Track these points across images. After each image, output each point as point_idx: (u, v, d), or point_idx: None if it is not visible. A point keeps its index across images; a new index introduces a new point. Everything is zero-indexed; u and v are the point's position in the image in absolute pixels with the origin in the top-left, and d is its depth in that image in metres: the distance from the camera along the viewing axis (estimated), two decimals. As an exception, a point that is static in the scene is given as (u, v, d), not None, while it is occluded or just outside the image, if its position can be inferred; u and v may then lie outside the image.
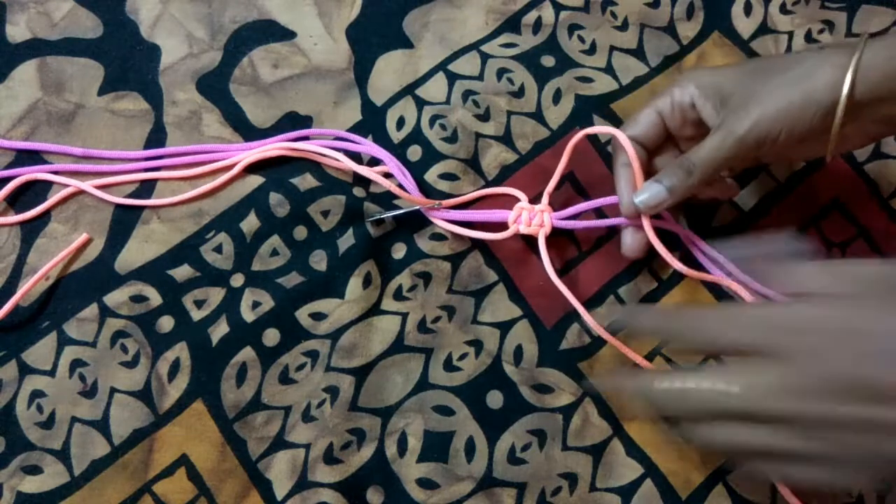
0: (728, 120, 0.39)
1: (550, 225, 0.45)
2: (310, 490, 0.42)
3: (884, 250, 0.47)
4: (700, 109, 0.41)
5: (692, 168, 0.40)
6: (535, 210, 0.45)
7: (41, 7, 0.52)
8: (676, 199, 0.41)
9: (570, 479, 0.42)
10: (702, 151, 0.39)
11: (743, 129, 0.38)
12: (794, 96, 0.37)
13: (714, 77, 0.41)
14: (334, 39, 0.52)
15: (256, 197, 0.48)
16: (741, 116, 0.38)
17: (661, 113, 0.42)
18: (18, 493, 0.42)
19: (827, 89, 0.37)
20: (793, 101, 0.37)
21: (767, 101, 0.38)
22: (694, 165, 0.40)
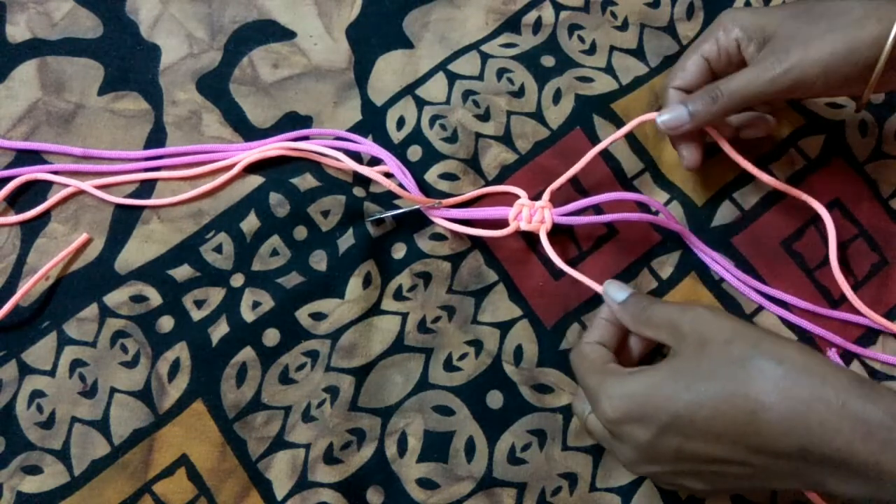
0: (767, 58, 0.39)
1: (551, 221, 0.44)
2: (310, 490, 0.42)
3: (884, 250, 0.47)
4: (744, 50, 0.41)
5: (718, 96, 0.40)
6: (535, 206, 0.45)
7: (41, 7, 0.52)
8: (698, 123, 0.42)
9: (570, 479, 0.42)
10: (732, 82, 0.40)
11: (779, 70, 0.39)
12: (837, 46, 0.38)
13: (757, 17, 0.41)
14: (334, 39, 0.52)
15: (256, 197, 0.48)
16: (781, 58, 0.39)
17: (707, 58, 0.43)
18: (18, 493, 0.42)
19: (871, 42, 0.37)
20: (836, 51, 0.38)
21: (810, 46, 0.38)
22: (721, 94, 0.40)
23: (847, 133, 0.49)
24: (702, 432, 0.31)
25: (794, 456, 0.30)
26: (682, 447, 0.32)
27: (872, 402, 0.29)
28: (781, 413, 0.30)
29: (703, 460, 0.32)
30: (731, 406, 0.31)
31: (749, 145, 0.47)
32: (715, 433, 0.31)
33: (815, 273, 0.46)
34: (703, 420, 0.31)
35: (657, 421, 0.32)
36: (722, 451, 0.31)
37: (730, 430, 0.31)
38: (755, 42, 0.41)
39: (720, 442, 0.31)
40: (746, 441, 0.31)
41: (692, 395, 0.32)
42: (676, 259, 0.47)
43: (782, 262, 0.46)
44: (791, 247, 0.47)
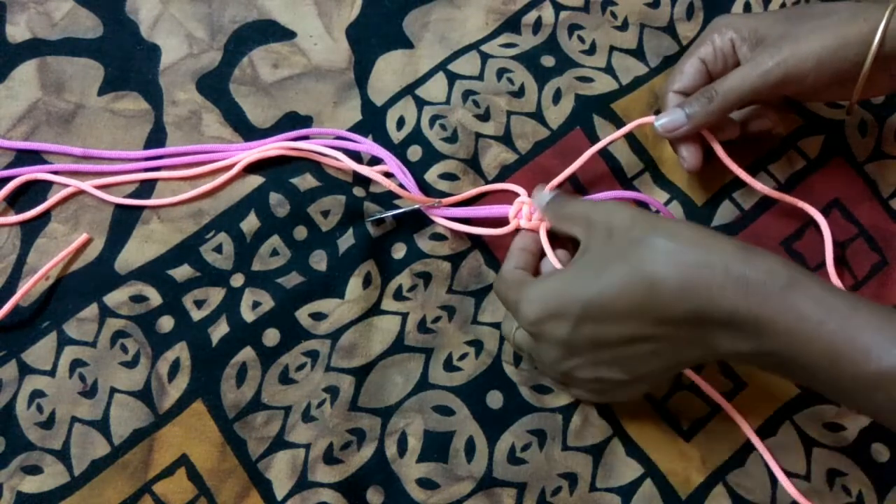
0: (759, 56, 0.41)
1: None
2: (310, 490, 0.42)
3: (884, 250, 0.47)
4: (738, 50, 0.42)
5: (713, 96, 0.42)
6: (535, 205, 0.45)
7: (41, 7, 0.52)
8: (695, 125, 0.43)
9: (570, 479, 0.42)
10: (726, 81, 0.41)
11: (771, 64, 0.40)
12: (826, 42, 0.39)
13: (750, 21, 0.43)
14: (334, 39, 0.52)
15: (256, 197, 0.48)
16: (772, 53, 0.40)
17: (704, 60, 0.44)
18: (18, 493, 0.42)
19: (859, 40, 0.39)
20: (825, 47, 0.39)
21: (800, 42, 0.40)
22: (716, 94, 0.42)
23: (847, 133, 0.49)
24: (611, 314, 0.34)
25: (690, 321, 0.33)
26: (597, 334, 0.35)
27: (751, 264, 0.32)
28: (675, 282, 0.33)
29: (616, 343, 0.35)
30: (632, 284, 0.34)
31: (748, 146, 0.47)
32: (622, 312, 0.34)
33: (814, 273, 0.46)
34: (611, 302, 0.34)
35: (572, 312, 0.35)
36: (630, 329, 0.34)
37: (634, 306, 0.34)
38: (748, 43, 0.42)
39: (628, 319, 0.34)
40: (649, 313, 0.34)
41: (600, 281, 0.35)
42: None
43: (782, 261, 0.46)
44: (791, 247, 0.47)
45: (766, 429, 0.43)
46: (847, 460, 0.42)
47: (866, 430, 0.43)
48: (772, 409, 0.43)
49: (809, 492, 0.42)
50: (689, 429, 0.43)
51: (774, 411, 0.43)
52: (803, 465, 0.42)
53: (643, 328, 0.34)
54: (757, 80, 0.41)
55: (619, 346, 0.35)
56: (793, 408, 0.43)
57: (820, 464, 0.42)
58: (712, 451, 0.43)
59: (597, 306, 0.34)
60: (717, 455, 0.43)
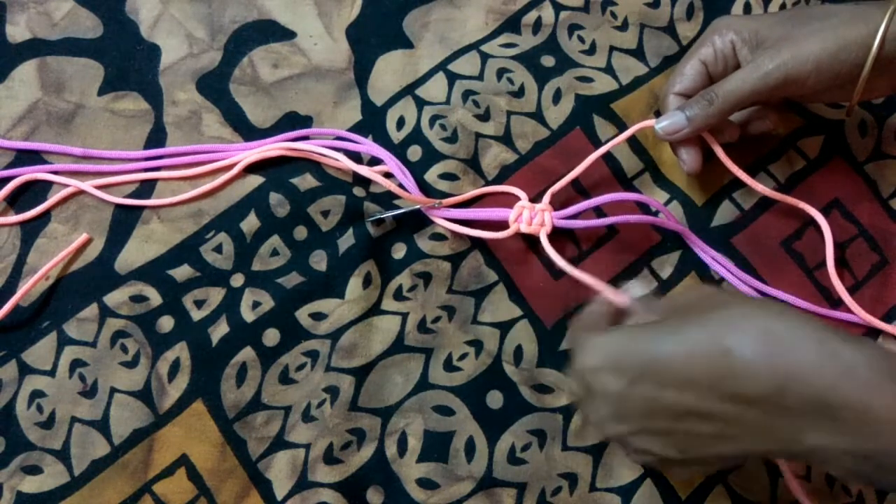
0: (759, 58, 0.41)
1: (551, 224, 0.45)
2: (310, 490, 0.42)
3: (884, 250, 0.47)
4: (738, 52, 0.42)
5: (714, 98, 0.42)
6: (535, 209, 0.45)
7: (41, 7, 0.52)
8: (696, 127, 0.43)
9: (570, 479, 0.42)
10: (727, 84, 0.41)
11: (772, 66, 0.40)
12: (826, 44, 0.39)
13: (750, 22, 0.43)
14: (334, 39, 0.52)
15: (256, 197, 0.48)
16: (772, 55, 0.40)
17: (705, 62, 0.44)
18: (18, 493, 0.42)
19: (858, 43, 0.39)
20: (825, 48, 0.39)
21: (801, 45, 0.40)
22: (716, 96, 0.42)
23: (847, 133, 0.49)
24: (674, 379, 0.30)
25: (770, 402, 0.28)
26: (654, 397, 0.31)
27: (853, 344, 0.28)
28: (758, 351, 0.29)
29: (672, 413, 0.31)
30: (704, 348, 0.30)
31: (749, 146, 0.47)
32: (688, 379, 0.30)
33: (815, 273, 0.46)
34: (677, 366, 0.30)
35: (631, 368, 0.32)
36: (691, 400, 0.30)
37: (703, 375, 0.30)
38: (749, 45, 0.42)
39: (693, 389, 0.30)
40: (720, 386, 0.29)
41: (668, 342, 0.31)
42: (676, 259, 0.47)
43: (782, 261, 0.46)
44: (791, 247, 0.47)
45: (766, 429, 0.43)
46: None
47: (866, 430, 0.43)
48: (772, 409, 0.43)
49: (809, 492, 0.42)
50: (689, 429, 0.43)
51: (774, 411, 0.43)
52: (803, 465, 0.42)
53: (706, 402, 0.30)
54: (757, 83, 0.41)
55: (676, 418, 0.31)
56: (793, 408, 0.43)
57: (820, 464, 0.42)
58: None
59: (658, 366, 0.31)
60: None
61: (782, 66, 0.40)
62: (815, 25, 0.40)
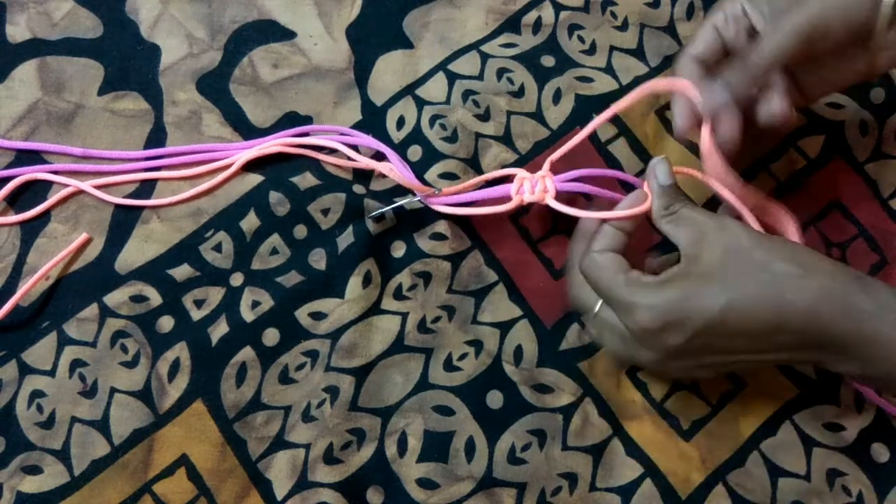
0: (779, 17, 0.40)
1: (555, 189, 0.43)
2: (310, 490, 0.42)
3: (884, 250, 0.47)
4: (750, 15, 0.41)
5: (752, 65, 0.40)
6: (535, 177, 0.44)
7: (41, 7, 0.52)
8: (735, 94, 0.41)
9: (570, 479, 0.42)
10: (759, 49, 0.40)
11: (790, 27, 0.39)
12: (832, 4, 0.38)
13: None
14: (334, 39, 0.52)
15: (256, 196, 0.48)
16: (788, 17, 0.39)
17: (717, 27, 0.43)
18: (18, 493, 0.42)
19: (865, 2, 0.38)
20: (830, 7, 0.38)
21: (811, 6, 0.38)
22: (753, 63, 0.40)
23: (847, 133, 0.49)
24: (731, 332, 0.35)
25: (808, 345, 0.35)
26: (711, 345, 0.36)
27: (866, 294, 0.34)
28: (801, 309, 0.34)
29: (724, 353, 0.36)
30: (759, 307, 0.35)
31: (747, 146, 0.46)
32: (745, 330, 0.35)
33: None
34: (734, 321, 0.35)
35: (692, 326, 0.35)
36: (747, 345, 0.36)
37: (758, 329, 0.35)
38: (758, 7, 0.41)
39: (747, 338, 0.35)
40: (770, 338, 0.35)
41: (724, 299, 0.35)
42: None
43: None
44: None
45: (766, 429, 0.43)
46: (847, 460, 0.42)
47: (866, 430, 0.43)
48: (772, 409, 0.43)
49: (809, 492, 0.42)
50: (689, 429, 0.43)
51: (774, 411, 0.43)
52: (803, 465, 0.42)
53: (759, 346, 0.35)
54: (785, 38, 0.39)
55: (727, 355, 0.36)
56: (793, 408, 0.43)
57: (820, 464, 0.42)
58: (712, 451, 0.43)
59: (718, 322, 0.35)
60: (717, 455, 0.43)
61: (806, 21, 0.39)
62: None
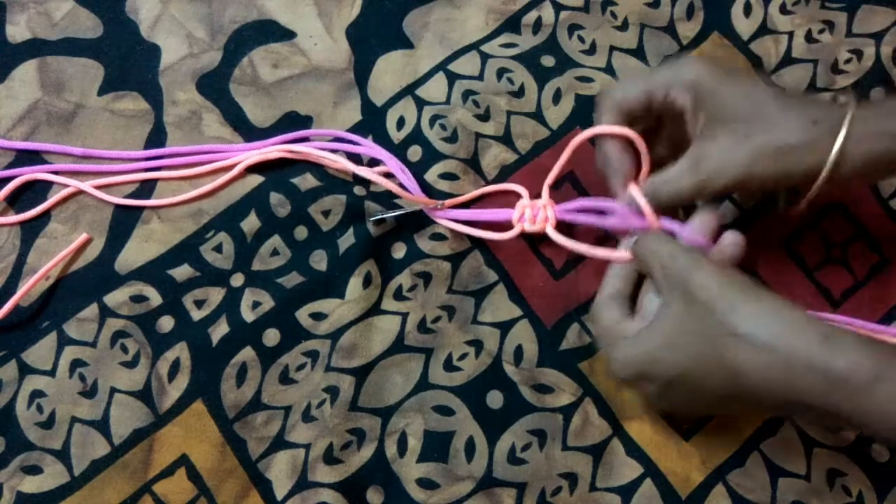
0: (704, 165, 0.38)
1: (555, 218, 0.44)
2: (310, 490, 0.42)
3: (884, 250, 0.47)
4: (687, 121, 0.40)
5: (658, 202, 0.41)
6: (537, 206, 0.45)
7: (41, 7, 0.52)
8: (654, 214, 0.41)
9: (570, 479, 0.42)
10: (671, 187, 0.40)
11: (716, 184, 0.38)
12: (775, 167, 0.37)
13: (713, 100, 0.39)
14: (334, 39, 0.52)
15: (257, 196, 0.48)
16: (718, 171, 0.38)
17: (652, 96, 0.41)
18: (18, 493, 0.42)
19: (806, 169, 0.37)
20: (772, 170, 0.37)
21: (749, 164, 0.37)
22: (661, 202, 0.40)
23: (847, 133, 0.49)
24: (698, 390, 0.36)
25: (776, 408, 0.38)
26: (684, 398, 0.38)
27: (833, 357, 0.32)
28: (759, 378, 0.34)
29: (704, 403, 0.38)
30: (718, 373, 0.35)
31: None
32: (709, 391, 0.36)
33: (815, 273, 0.46)
34: (697, 382, 0.36)
35: (659, 380, 0.37)
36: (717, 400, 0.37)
37: (720, 390, 0.35)
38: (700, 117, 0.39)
39: (714, 396, 0.36)
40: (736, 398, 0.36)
41: (686, 360, 0.36)
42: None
43: (782, 262, 0.46)
44: (791, 247, 0.47)
45: (766, 429, 0.43)
46: (847, 460, 0.42)
47: (866, 430, 0.43)
48: (772, 409, 0.43)
49: (809, 492, 0.42)
50: (689, 429, 0.43)
51: (774, 411, 0.43)
52: (803, 465, 0.42)
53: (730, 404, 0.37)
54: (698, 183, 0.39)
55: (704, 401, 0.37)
56: (793, 408, 0.43)
57: (820, 464, 0.42)
58: (712, 451, 0.43)
59: (684, 382, 0.36)
60: (717, 455, 0.43)
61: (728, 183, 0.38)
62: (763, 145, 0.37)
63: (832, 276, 0.46)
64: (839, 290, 0.46)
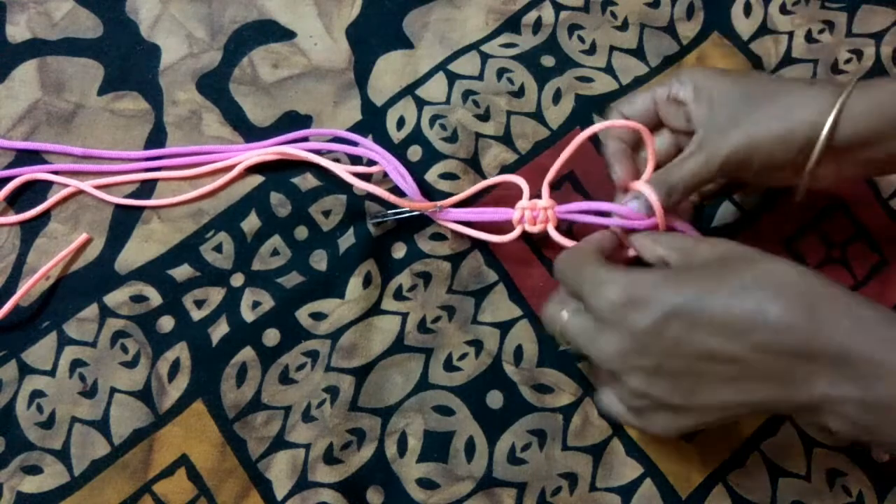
0: (709, 141, 0.39)
1: (556, 220, 0.44)
2: (310, 490, 0.42)
3: (884, 250, 0.47)
4: (690, 111, 0.41)
5: (671, 190, 0.40)
6: (538, 207, 0.44)
7: (41, 7, 0.52)
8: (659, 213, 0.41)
9: (570, 479, 0.42)
10: (681, 171, 0.40)
11: (722, 153, 0.38)
12: (775, 128, 0.37)
13: (713, 85, 0.40)
14: (334, 39, 0.52)
15: (257, 196, 0.48)
16: (724, 139, 0.38)
17: (656, 101, 0.42)
18: (18, 493, 0.42)
19: (807, 129, 0.37)
20: (774, 133, 0.37)
21: (750, 129, 0.38)
22: (673, 187, 0.40)
23: (847, 133, 0.49)
24: (706, 322, 0.32)
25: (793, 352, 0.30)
26: (679, 337, 0.32)
27: (871, 304, 0.31)
28: (788, 306, 0.31)
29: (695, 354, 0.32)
30: (742, 299, 0.31)
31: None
32: (721, 323, 0.31)
33: (815, 273, 0.46)
34: (712, 309, 0.31)
35: (662, 306, 0.32)
36: (721, 344, 0.31)
37: (737, 322, 0.31)
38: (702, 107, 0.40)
39: (724, 334, 0.31)
40: (751, 335, 0.31)
41: (703, 286, 0.32)
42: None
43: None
44: (791, 247, 0.47)
45: (766, 429, 0.43)
46: (847, 460, 0.42)
47: (866, 430, 0.43)
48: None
49: (809, 492, 0.42)
50: (689, 429, 0.43)
51: (774, 411, 0.43)
52: (803, 465, 0.42)
53: (735, 347, 0.31)
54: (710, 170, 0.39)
55: (697, 359, 0.32)
56: (793, 408, 0.43)
57: (820, 464, 0.42)
58: (712, 451, 0.43)
59: (693, 309, 0.32)
60: (717, 455, 0.43)
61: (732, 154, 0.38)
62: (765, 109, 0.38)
63: (832, 276, 0.45)
64: (839, 290, 0.46)
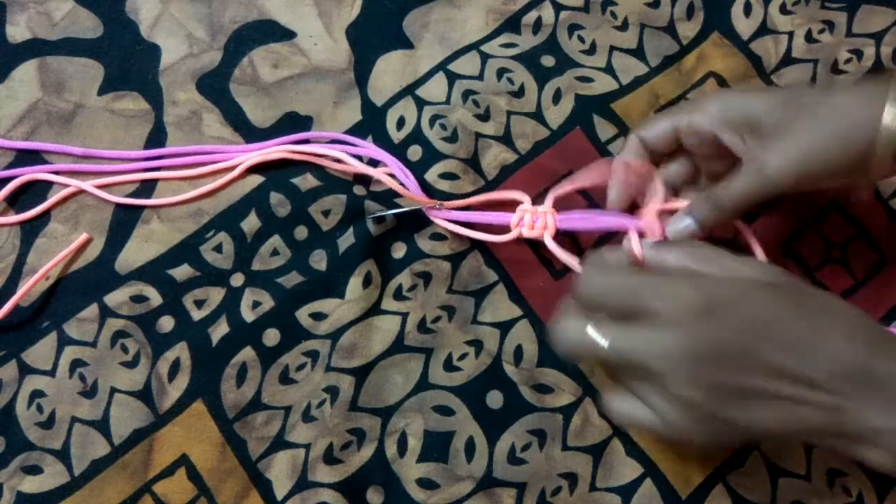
0: (760, 155, 0.37)
1: (555, 227, 0.44)
2: (310, 490, 0.42)
3: (884, 250, 0.47)
4: (726, 141, 0.39)
5: (724, 207, 0.39)
6: (538, 213, 0.45)
7: (41, 7, 0.52)
8: (706, 233, 0.40)
9: (570, 479, 0.42)
10: (734, 189, 0.38)
11: (778, 167, 0.37)
12: (829, 133, 0.36)
13: (742, 104, 0.39)
14: (334, 39, 0.52)
15: (257, 196, 0.48)
16: (775, 154, 0.37)
17: (676, 129, 0.41)
18: (18, 493, 0.42)
19: (864, 126, 0.35)
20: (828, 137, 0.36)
21: (802, 137, 0.36)
22: (725, 206, 0.39)
23: (847, 133, 0.49)
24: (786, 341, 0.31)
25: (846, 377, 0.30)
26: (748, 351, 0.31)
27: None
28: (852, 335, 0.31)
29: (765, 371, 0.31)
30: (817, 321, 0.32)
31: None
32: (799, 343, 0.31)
33: (815, 273, 0.46)
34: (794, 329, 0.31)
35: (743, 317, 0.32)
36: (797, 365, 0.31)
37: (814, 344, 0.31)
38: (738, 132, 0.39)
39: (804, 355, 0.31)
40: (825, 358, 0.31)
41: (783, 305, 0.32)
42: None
43: (782, 262, 0.46)
44: (791, 247, 0.47)
45: (766, 429, 0.43)
46: (847, 460, 0.42)
47: (866, 430, 0.43)
48: (772, 409, 0.43)
49: (809, 492, 0.42)
50: (689, 429, 0.43)
51: (774, 411, 0.43)
52: (803, 465, 0.42)
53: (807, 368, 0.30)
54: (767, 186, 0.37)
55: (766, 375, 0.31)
56: (793, 408, 0.43)
57: (820, 464, 0.42)
58: (712, 451, 0.43)
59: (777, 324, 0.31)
60: (717, 455, 0.43)
61: (790, 166, 0.36)
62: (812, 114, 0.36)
63: (832, 276, 0.46)
64: (839, 291, 0.46)
